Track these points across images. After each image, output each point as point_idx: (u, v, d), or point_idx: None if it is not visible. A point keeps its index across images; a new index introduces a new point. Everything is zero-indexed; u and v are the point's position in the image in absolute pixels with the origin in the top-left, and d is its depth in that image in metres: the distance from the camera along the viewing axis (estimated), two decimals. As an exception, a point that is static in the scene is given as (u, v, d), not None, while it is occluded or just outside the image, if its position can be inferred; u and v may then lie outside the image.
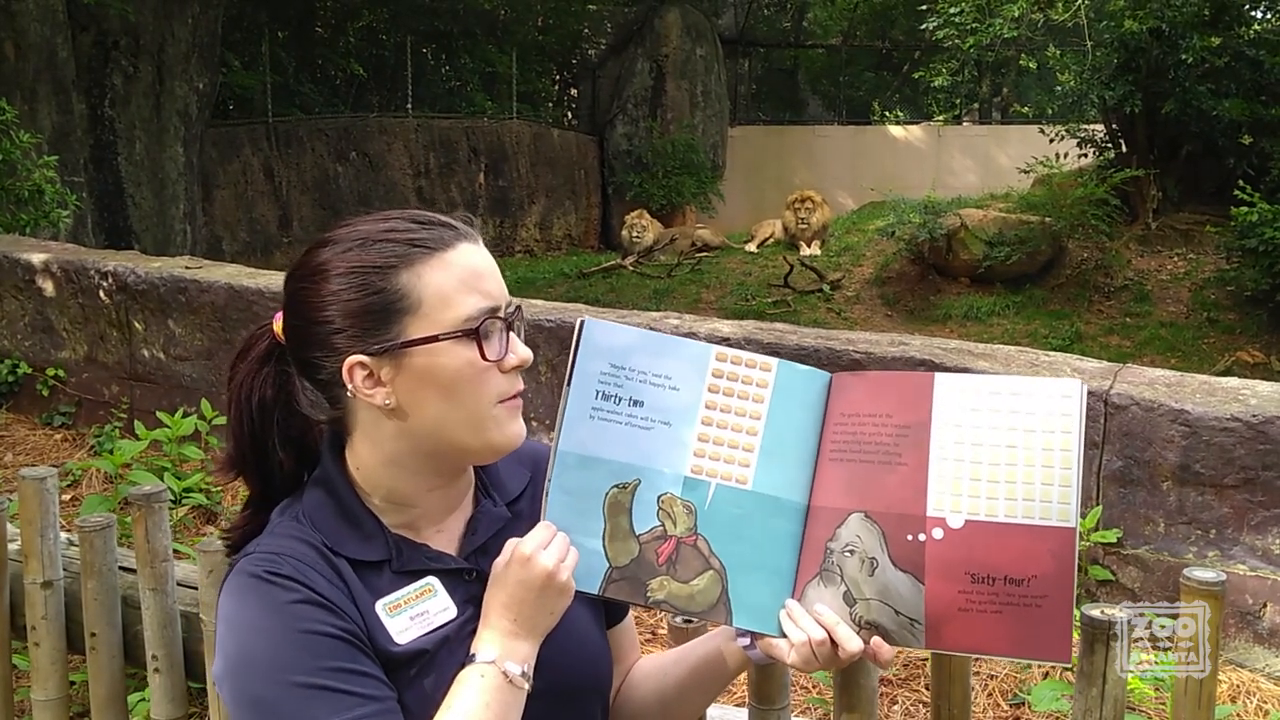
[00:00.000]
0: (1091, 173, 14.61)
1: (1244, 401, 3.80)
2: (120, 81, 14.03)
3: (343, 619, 1.34)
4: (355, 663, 1.32)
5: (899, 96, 31.11)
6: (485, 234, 1.45)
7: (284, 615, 1.32)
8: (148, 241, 13.97)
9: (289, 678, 1.28)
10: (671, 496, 1.44)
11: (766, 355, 1.51)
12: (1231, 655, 3.76)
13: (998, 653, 1.38)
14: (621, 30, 24.20)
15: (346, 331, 1.36)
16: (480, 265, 1.39)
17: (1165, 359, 11.69)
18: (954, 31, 14.62)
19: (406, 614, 1.40)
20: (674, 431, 1.45)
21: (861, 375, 1.50)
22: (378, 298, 1.35)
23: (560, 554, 1.37)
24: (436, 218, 1.40)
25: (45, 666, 2.27)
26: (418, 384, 1.37)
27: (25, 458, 5.81)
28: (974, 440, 1.40)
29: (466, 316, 1.35)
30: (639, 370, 1.45)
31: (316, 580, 1.35)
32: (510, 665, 1.35)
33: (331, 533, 1.41)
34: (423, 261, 1.35)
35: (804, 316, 13.59)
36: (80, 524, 2.15)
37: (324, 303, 1.37)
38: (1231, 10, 13.65)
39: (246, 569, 1.36)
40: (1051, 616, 1.33)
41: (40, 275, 6.28)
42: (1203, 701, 1.51)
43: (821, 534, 1.45)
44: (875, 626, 1.41)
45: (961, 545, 1.37)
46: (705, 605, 1.44)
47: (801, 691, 3.52)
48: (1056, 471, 1.36)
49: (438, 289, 1.35)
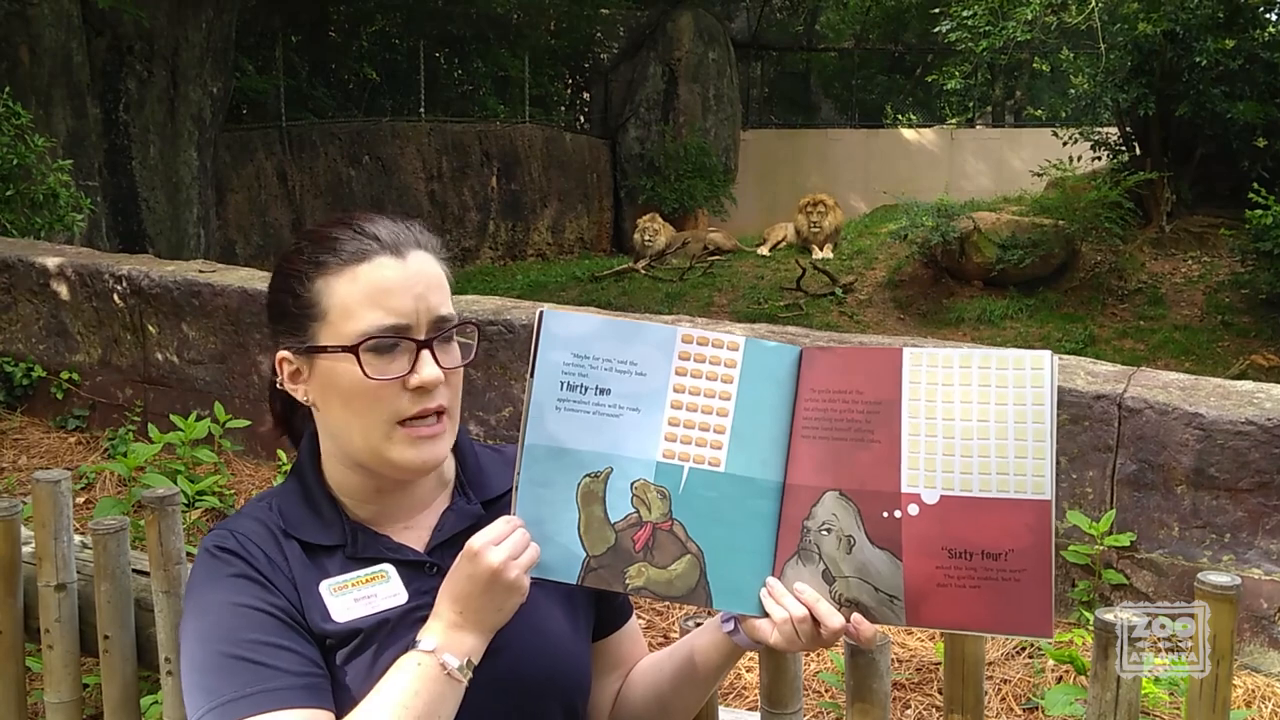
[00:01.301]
0: (1105, 176, 14.56)
1: (1259, 405, 3.78)
2: (134, 86, 14.08)
3: (275, 595, 1.41)
4: (279, 637, 1.38)
5: (912, 100, 31.06)
6: (497, 238, 1.46)
7: (220, 588, 1.40)
8: (162, 245, 14.02)
9: (217, 647, 1.36)
10: (645, 482, 1.44)
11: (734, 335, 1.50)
12: (1246, 660, 3.74)
13: (979, 628, 1.38)
14: (634, 34, 24.21)
15: (276, 326, 1.48)
16: (389, 282, 1.41)
17: (1179, 362, 11.65)
18: (967, 34, 14.59)
19: (350, 595, 1.44)
20: (643, 417, 1.45)
21: (831, 350, 1.50)
22: (293, 301, 1.44)
23: (512, 551, 1.37)
24: (369, 229, 1.44)
25: (58, 669, 2.27)
26: (323, 387, 1.45)
27: (39, 460, 5.83)
28: (945, 415, 1.40)
29: (361, 331, 1.39)
30: (603, 358, 1.45)
31: (257, 557, 1.43)
32: (449, 657, 1.36)
33: (290, 517, 1.49)
34: (335, 272, 1.41)
35: (816, 320, 13.57)
36: (94, 527, 2.15)
37: (270, 298, 1.49)
38: (1246, 13, 13.61)
39: (205, 543, 1.46)
40: (1031, 590, 1.33)
41: (55, 279, 6.30)
42: (1217, 706, 1.50)
43: (798, 513, 1.44)
44: (855, 604, 1.41)
45: (937, 521, 1.37)
46: (684, 590, 1.44)
47: (814, 696, 3.51)
48: (1030, 444, 1.36)
49: (341, 301, 1.41)
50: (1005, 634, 1.45)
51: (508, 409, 4.92)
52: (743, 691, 3.62)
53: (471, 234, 20.33)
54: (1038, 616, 1.33)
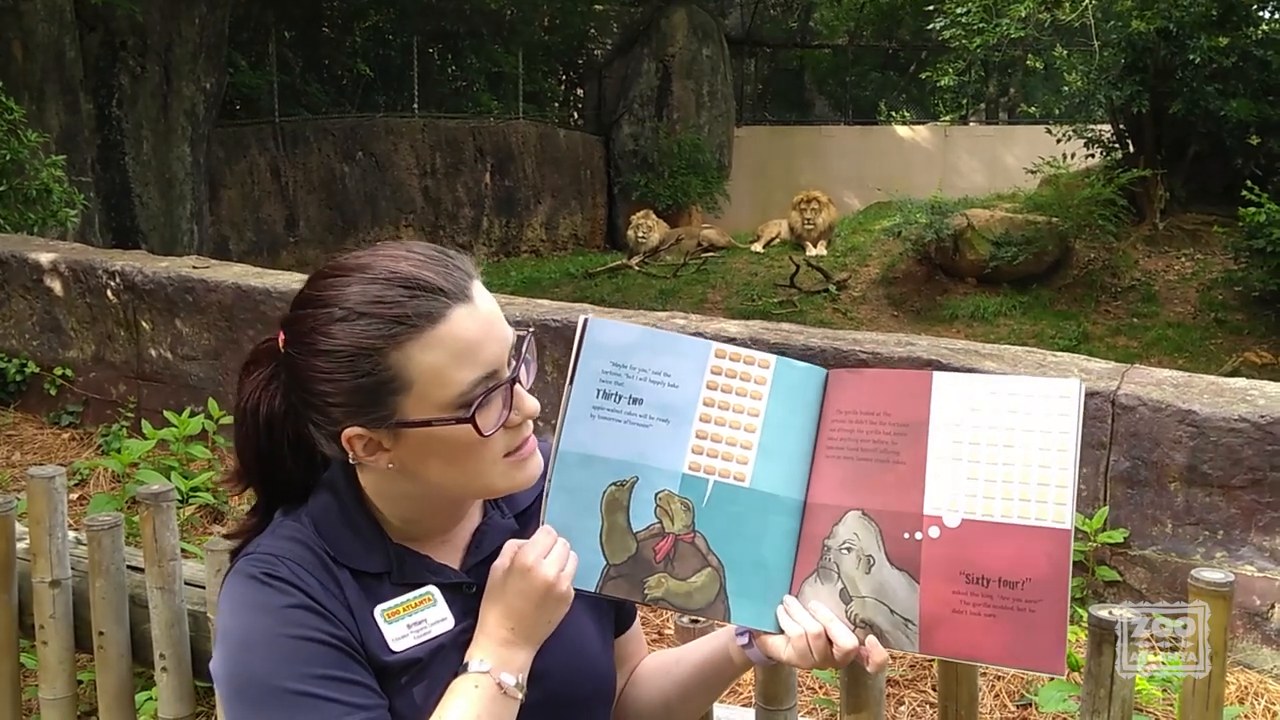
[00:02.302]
0: (1098, 173, 14.58)
1: (1252, 402, 3.79)
2: (127, 81, 14.06)
3: (335, 626, 1.34)
4: (345, 670, 1.32)
5: (905, 96, 31.05)
6: (491, 234, 1.43)
7: (277, 619, 1.32)
8: (155, 241, 14.00)
9: (278, 684, 1.29)
10: (669, 494, 1.43)
11: (766, 353, 1.51)
12: (1239, 656, 3.75)
13: (991, 660, 1.37)
14: (628, 30, 24.21)
15: (341, 407, 1.33)
16: (472, 334, 1.31)
17: (1172, 360, 11.68)
18: (961, 31, 14.61)
19: (404, 621, 1.39)
20: (672, 429, 1.44)
21: (858, 373, 1.50)
22: (368, 379, 1.30)
23: (561, 562, 1.36)
24: (427, 280, 1.31)
25: (53, 665, 2.27)
26: (418, 454, 1.35)
27: (33, 457, 5.82)
28: (972, 440, 1.39)
29: (460, 393, 1.30)
30: (639, 368, 1.44)
31: (312, 585, 1.35)
32: (505, 676, 1.34)
33: (334, 539, 1.40)
34: (411, 340, 1.29)
35: (810, 316, 13.58)
36: (88, 523, 2.15)
37: (317, 376, 1.33)
38: (1239, 10, 13.63)
39: (245, 569, 1.36)
40: (1045, 623, 1.32)
41: (48, 275, 6.29)
42: (1210, 703, 1.51)
43: (819, 531, 1.44)
44: (870, 625, 1.40)
45: (957, 544, 1.37)
46: (703, 602, 1.43)
47: (808, 692, 3.52)
48: (1053, 472, 1.35)
49: (429, 368, 1.30)
50: (1017, 667, 1.43)
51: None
52: (737, 688, 3.62)
53: (465, 230, 20.32)
54: (1050, 651, 1.32)
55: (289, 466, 1.45)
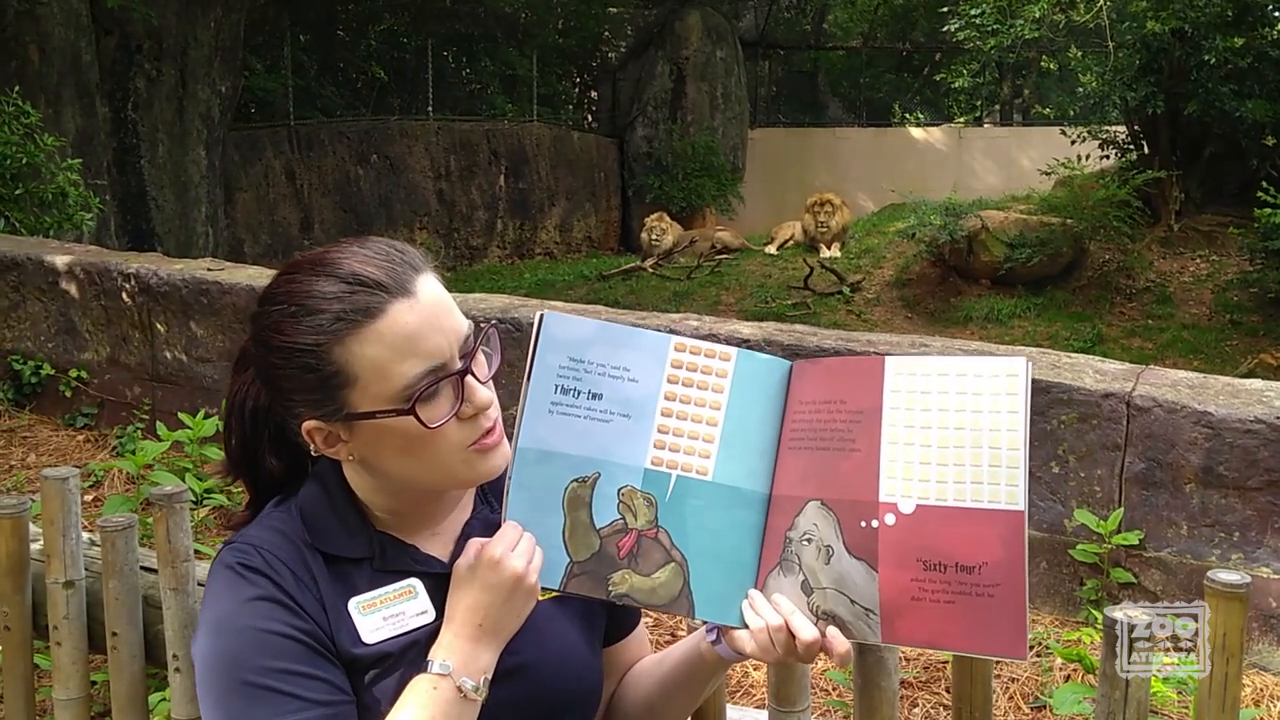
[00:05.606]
0: (1113, 174, 14.53)
1: (1268, 403, 3.78)
2: (143, 85, 14.11)
3: (303, 619, 1.35)
4: (307, 665, 1.33)
5: (920, 98, 31.02)
6: (505, 236, 1.43)
7: (244, 610, 1.34)
8: (170, 244, 14.04)
9: (239, 675, 1.31)
10: (631, 489, 1.43)
11: (726, 345, 1.50)
12: (1255, 659, 3.73)
13: (953, 647, 1.36)
14: (642, 33, 24.21)
15: (296, 400, 1.37)
16: (412, 328, 1.33)
17: (1188, 361, 11.63)
18: (975, 33, 14.58)
19: (380, 614, 1.41)
20: (633, 424, 1.44)
21: (818, 362, 1.49)
22: (315, 375, 1.34)
23: (528, 555, 1.37)
24: (368, 276, 1.33)
25: (67, 666, 2.27)
26: (373, 445, 1.38)
27: (48, 458, 5.85)
28: (924, 423, 1.38)
29: (404, 386, 1.32)
30: (598, 363, 1.44)
31: (284, 576, 1.37)
32: (466, 680, 1.35)
33: (317, 527, 1.43)
34: (352, 335, 1.32)
35: (824, 319, 13.56)
36: (102, 524, 2.16)
37: (275, 372, 1.38)
38: (1255, 11, 13.57)
39: (224, 558, 1.39)
40: (1004, 608, 1.31)
41: (64, 277, 6.32)
42: (1226, 705, 1.50)
43: (781, 523, 1.43)
44: (832, 616, 1.39)
45: (913, 530, 1.35)
46: (668, 598, 1.42)
47: (821, 694, 3.51)
48: (1004, 453, 1.34)
49: (371, 362, 1.32)
50: (978, 654, 1.42)
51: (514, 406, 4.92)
52: (750, 690, 3.62)
53: (479, 233, 20.34)
54: (1011, 636, 1.30)
55: (271, 459, 1.49)
